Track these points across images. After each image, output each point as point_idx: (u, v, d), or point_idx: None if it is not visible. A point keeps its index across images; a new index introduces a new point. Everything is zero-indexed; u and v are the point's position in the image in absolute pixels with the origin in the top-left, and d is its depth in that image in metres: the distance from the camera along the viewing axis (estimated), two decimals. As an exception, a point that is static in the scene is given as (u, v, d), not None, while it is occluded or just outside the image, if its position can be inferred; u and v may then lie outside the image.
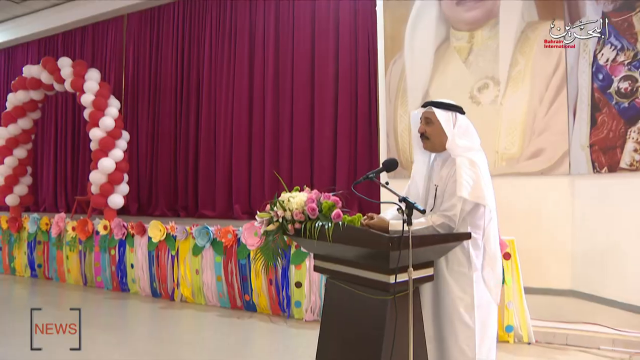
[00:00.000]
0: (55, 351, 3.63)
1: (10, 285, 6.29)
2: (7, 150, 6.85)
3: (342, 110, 5.62)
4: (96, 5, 7.65)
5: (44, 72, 6.42)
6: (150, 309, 4.97)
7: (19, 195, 6.99)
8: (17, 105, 6.80)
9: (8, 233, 6.80)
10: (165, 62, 7.11)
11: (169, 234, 5.12)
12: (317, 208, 1.96)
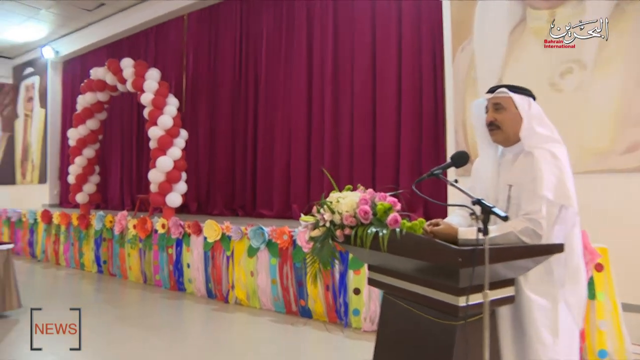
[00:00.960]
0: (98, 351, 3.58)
1: (79, 280, 6.47)
2: (77, 150, 7.07)
3: (405, 103, 5.23)
4: (158, 8, 7.75)
5: (109, 73, 6.54)
6: (204, 311, 4.87)
7: (88, 194, 7.20)
8: (85, 107, 7.00)
9: (78, 230, 7.02)
10: (223, 60, 7.04)
11: (224, 234, 4.99)
12: (370, 211, 1.65)
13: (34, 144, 10.43)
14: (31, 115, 10.61)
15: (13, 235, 8.56)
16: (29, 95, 10.75)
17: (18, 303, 4.59)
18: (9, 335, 4.18)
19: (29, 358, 3.68)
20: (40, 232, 7.90)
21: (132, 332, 4.16)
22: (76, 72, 9.92)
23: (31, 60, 10.75)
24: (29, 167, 10.53)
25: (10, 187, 11.11)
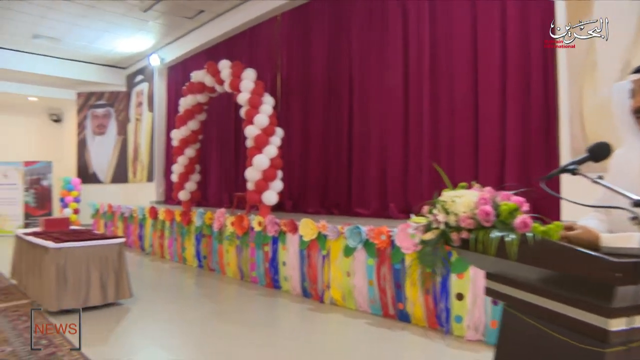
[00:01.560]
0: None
1: (182, 274, 6.80)
2: (180, 150, 7.45)
3: (510, 93, 4.81)
4: (252, 10, 7.93)
5: (207, 75, 6.78)
6: (299, 310, 4.85)
7: (189, 191, 7.55)
8: (187, 109, 7.34)
9: (180, 226, 7.38)
10: (315, 58, 7.02)
11: (320, 232, 4.93)
12: (493, 212, 1.44)
13: (143, 145, 11.21)
14: (141, 118, 11.43)
15: (126, 229, 9.25)
16: (138, 101, 11.58)
17: (130, 292, 4.89)
18: (122, 322, 4.44)
19: (138, 344, 3.87)
20: (148, 227, 8.44)
21: (228, 328, 4.24)
22: (178, 77, 10.49)
23: (141, 69, 11.57)
24: (139, 167, 11.35)
25: (123, 185, 12.07)
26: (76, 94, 12.70)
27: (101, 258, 4.68)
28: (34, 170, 11.92)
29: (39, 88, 12.28)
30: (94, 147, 12.54)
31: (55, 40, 10.15)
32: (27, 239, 5.27)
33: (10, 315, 4.58)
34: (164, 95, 11.01)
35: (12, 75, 11.42)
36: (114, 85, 12.37)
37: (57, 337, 3.90)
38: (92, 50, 10.88)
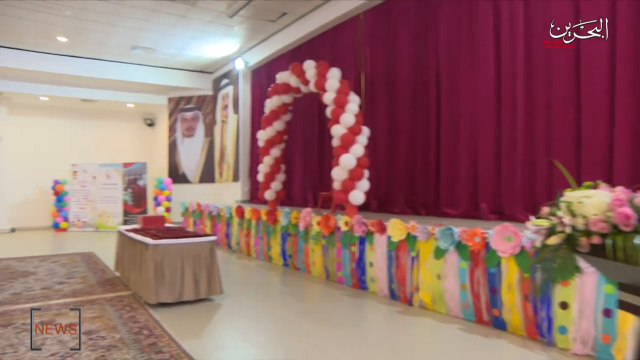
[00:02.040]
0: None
1: (268, 272, 6.93)
2: (265, 150, 7.62)
3: (620, 86, 4.39)
4: (334, 10, 7.94)
5: (293, 76, 6.87)
6: (386, 312, 4.75)
7: (275, 191, 7.71)
8: (272, 110, 7.49)
9: (266, 225, 7.54)
10: (400, 55, 6.87)
11: (409, 233, 4.81)
12: (633, 215, 1.28)
13: (229, 147, 11.64)
14: (226, 120, 11.87)
15: (214, 228, 9.63)
16: (224, 104, 12.05)
17: (220, 289, 5.05)
18: (214, 317, 4.58)
19: (230, 339, 3.98)
20: (235, 225, 8.73)
21: (315, 327, 4.23)
22: (262, 79, 10.76)
23: (226, 73, 12.02)
24: (225, 167, 11.80)
25: (210, 185, 12.61)
26: (167, 99, 13.46)
27: (194, 255, 4.88)
28: (131, 171, 12.80)
29: (135, 95, 13.18)
30: (183, 148, 13.22)
31: (150, 50, 10.82)
32: (128, 235, 5.63)
33: (116, 304, 4.91)
34: (248, 97, 11.36)
35: (113, 84, 12.35)
36: (202, 90, 12.96)
37: (157, 328, 4.11)
38: (181, 57, 11.47)
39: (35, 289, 5.73)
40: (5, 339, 3.91)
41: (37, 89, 12.02)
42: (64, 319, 4.44)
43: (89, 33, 9.73)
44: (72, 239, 11.24)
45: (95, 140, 14.23)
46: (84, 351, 3.56)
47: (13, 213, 13.01)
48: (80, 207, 12.97)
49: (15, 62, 10.73)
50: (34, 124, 13.58)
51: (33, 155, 13.40)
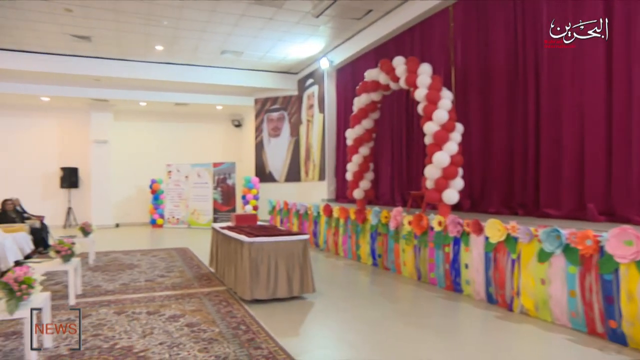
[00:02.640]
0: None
1: (356, 271, 6.88)
2: (354, 149, 7.58)
3: None
4: (422, 4, 7.70)
5: (381, 73, 6.76)
6: (484, 317, 4.51)
7: (363, 190, 7.64)
8: (361, 108, 7.43)
9: (355, 224, 7.49)
10: (495, 47, 6.49)
11: (509, 234, 4.53)
12: None
13: (315, 146, 11.75)
14: (312, 120, 11.99)
15: (301, 226, 9.76)
16: (310, 103, 12.18)
17: (313, 287, 5.07)
18: (308, 315, 4.59)
19: (325, 338, 3.94)
20: (322, 224, 8.77)
21: (410, 330, 4.10)
22: (347, 78, 10.74)
23: (311, 73, 12.15)
24: (311, 166, 11.93)
25: (296, 184, 12.81)
26: (254, 100, 13.87)
27: (288, 253, 4.94)
28: (221, 171, 13.34)
29: (224, 97, 13.72)
30: (269, 148, 13.56)
31: (238, 53, 11.20)
32: (222, 232, 5.83)
33: (213, 299, 5.09)
34: (333, 96, 11.39)
35: (203, 88, 12.95)
36: (287, 90, 13.21)
37: (254, 324, 4.19)
38: (267, 59, 11.75)
39: (140, 281, 6.11)
40: (120, 325, 4.19)
41: (138, 95, 12.91)
42: (168, 310, 4.68)
43: (183, 41, 10.25)
44: (167, 235, 11.93)
45: (188, 142, 15.02)
46: (187, 342, 3.71)
47: (117, 210, 14.09)
48: (174, 205, 13.74)
49: (120, 72, 11.59)
50: (134, 128, 14.61)
51: (133, 157, 14.42)
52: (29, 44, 10.42)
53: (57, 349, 3.63)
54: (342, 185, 10.72)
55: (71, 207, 13.72)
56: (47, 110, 13.78)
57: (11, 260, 6.79)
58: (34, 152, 13.69)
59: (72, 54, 11.16)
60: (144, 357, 3.42)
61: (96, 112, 13.60)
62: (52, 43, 10.36)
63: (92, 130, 13.62)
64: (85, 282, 6.01)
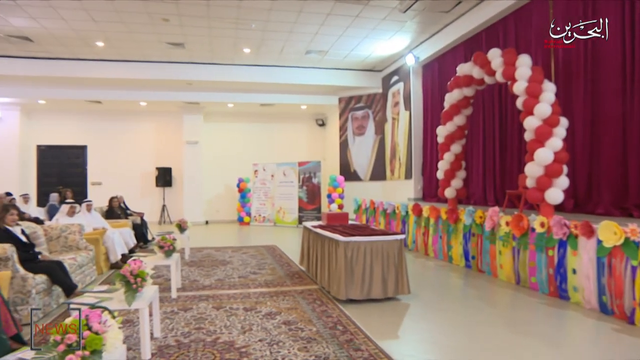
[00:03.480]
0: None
1: (448, 273, 6.65)
2: (445, 146, 7.33)
3: None
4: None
5: (475, 67, 6.47)
6: (599, 328, 4.13)
7: (455, 189, 7.36)
8: (452, 104, 7.16)
9: (447, 223, 7.24)
10: (605, 29, 5.94)
11: (627, 238, 4.12)
12: None
13: (401, 144, 11.54)
14: (397, 118, 11.79)
15: (387, 225, 9.62)
16: (395, 101, 11.99)
17: (408, 289, 4.94)
18: (405, 318, 4.46)
19: (426, 342, 3.77)
20: (411, 223, 8.58)
21: (518, 339, 3.84)
22: (434, 74, 10.43)
23: (395, 70, 11.94)
24: (397, 165, 11.73)
25: (381, 183, 12.67)
26: (338, 99, 13.90)
27: (383, 253, 4.85)
28: (306, 169, 13.51)
29: (308, 97, 13.87)
30: (354, 147, 13.52)
31: (323, 52, 11.26)
32: (314, 231, 5.86)
33: (307, 297, 5.13)
34: (419, 93, 11.12)
35: (288, 88, 13.18)
36: (371, 88, 13.09)
37: (350, 325, 4.15)
38: (351, 57, 11.71)
39: (234, 277, 6.31)
40: (220, 320, 4.34)
41: (226, 97, 13.41)
42: (264, 307, 4.77)
43: (270, 42, 10.49)
44: (254, 232, 12.28)
45: (273, 141, 15.40)
46: (286, 341, 3.75)
47: (206, 207, 14.78)
48: (260, 203, 14.13)
49: (210, 75, 12.12)
50: (222, 128, 15.22)
51: (222, 157, 15.04)
52: (130, 54, 11.19)
53: (165, 339, 3.82)
54: (429, 184, 10.44)
55: (165, 204, 14.57)
56: (144, 114, 14.76)
57: (119, 253, 7.33)
58: (133, 154, 14.72)
59: (167, 61, 11.82)
60: (245, 353, 3.49)
61: (188, 115, 14.33)
62: (150, 51, 11.03)
63: (184, 132, 14.35)
64: (184, 277, 6.31)
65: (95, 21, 9.00)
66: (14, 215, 5.00)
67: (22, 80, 11.95)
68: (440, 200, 9.20)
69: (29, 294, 4.45)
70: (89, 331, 2.05)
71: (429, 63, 10.74)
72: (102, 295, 3.56)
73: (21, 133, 13.65)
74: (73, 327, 2.03)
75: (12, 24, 9.10)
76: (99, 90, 12.75)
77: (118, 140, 14.67)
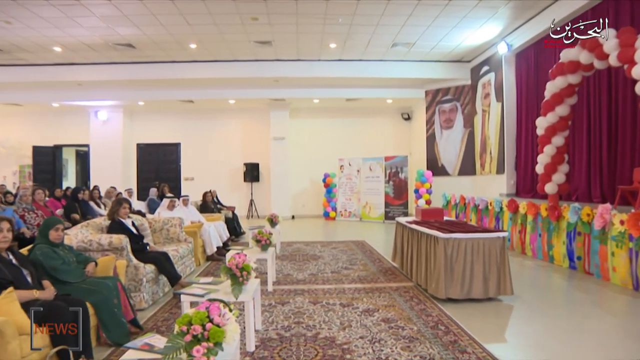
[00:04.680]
0: None
1: (550, 273, 6.24)
2: (546, 139, 6.85)
3: None
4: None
5: (583, 51, 5.96)
6: None
7: (556, 184, 6.87)
8: (554, 93, 6.67)
9: (547, 221, 6.79)
10: None
11: None
12: None
13: (492, 137, 11.00)
14: (488, 110, 11.25)
15: (479, 222, 9.22)
16: (485, 92, 11.44)
17: (511, 289, 4.67)
18: (510, 320, 4.21)
19: (537, 347, 3.49)
20: (506, 220, 8.15)
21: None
22: (529, 62, 9.80)
23: (486, 59, 11.39)
24: (487, 159, 11.20)
25: (470, 177, 12.18)
26: (424, 92, 13.54)
27: (484, 251, 4.62)
28: (393, 164, 13.32)
29: (393, 90, 13.64)
30: (442, 141, 13.11)
31: (409, 44, 10.99)
32: (410, 227, 5.72)
33: (403, 295, 5.02)
34: (512, 83, 10.50)
35: (374, 82, 13.03)
36: (459, 80, 12.61)
37: (452, 325, 3.99)
38: (439, 49, 11.32)
39: (327, 272, 6.34)
40: (318, 315, 4.36)
41: (311, 93, 13.54)
42: (360, 303, 4.73)
43: (356, 36, 10.40)
44: (341, 228, 12.31)
45: (358, 136, 15.32)
46: (388, 339, 3.67)
47: (293, 202, 15.05)
48: (346, 198, 14.14)
49: (296, 72, 12.29)
50: (308, 124, 15.40)
51: (307, 152, 15.23)
52: (220, 54, 11.62)
53: (267, 332, 3.90)
54: (523, 179, 9.85)
55: (253, 199, 15.03)
56: (232, 112, 15.31)
57: (214, 246, 7.64)
58: (223, 150, 15.34)
59: (254, 59, 12.14)
60: (347, 350, 3.47)
61: (274, 111, 14.65)
62: (239, 51, 11.38)
63: (271, 128, 14.69)
64: (277, 270, 6.43)
65: (190, 24, 9.43)
66: (126, 208, 5.37)
67: (125, 84, 12.88)
68: (536, 196, 8.65)
69: (141, 282, 4.74)
70: (211, 323, 2.10)
71: (524, 51, 10.10)
72: (208, 287, 3.70)
73: (123, 133, 14.75)
74: (197, 319, 2.09)
75: (119, 32, 9.79)
76: (191, 90, 13.40)
77: (208, 137, 15.36)
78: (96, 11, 8.62)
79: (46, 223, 3.96)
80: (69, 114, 14.90)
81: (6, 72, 12.12)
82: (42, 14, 8.70)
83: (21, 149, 15.14)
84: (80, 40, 10.30)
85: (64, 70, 12.12)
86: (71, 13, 8.70)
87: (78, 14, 8.73)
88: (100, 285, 3.80)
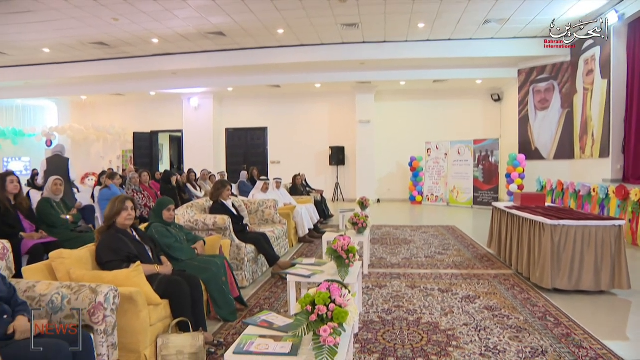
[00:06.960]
0: None
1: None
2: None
3: None
4: None
5: None
6: None
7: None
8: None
9: None
10: None
11: None
12: None
13: (595, 118, 10.19)
14: (591, 88, 10.42)
15: (580, 208, 8.66)
16: (588, 69, 10.60)
17: (628, 283, 4.35)
18: (629, 317, 3.93)
19: None
20: (613, 207, 7.58)
21: None
22: None
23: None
24: (589, 142, 10.42)
25: (568, 162, 11.41)
26: (517, 71, 12.81)
27: (596, 240, 4.33)
28: (482, 148, 12.82)
29: (483, 70, 13.02)
30: (536, 122, 12.37)
31: (503, 21, 10.41)
32: (511, 212, 5.49)
33: (504, 283, 4.86)
34: (622, 57, 9.60)
35: (463, 62, 12.53)
36: (557, 57, 11.77)
37: (562, 317, 3.80)
38: (535, 23, 10.61)
39: (420, 257, 6.28)
40: (417, 300, 4.34)
41: (398, 75, 13.28)
42: (459, 289, 4.64)
43: (447, 15, 10.03)
44: (427, 212, 12.10)
45: (445, 118, 14.86)
46: (494, 328, 3.58)
47: (378, 186, 15.00)
48: (433, 182, 13.85)
49: (382, 54, 12.13)
50: (394, 107, 15.18)
51: (393, 135, 15.05)
52: (307, 38, 11.71)
53: (368, 315, 3.94)
54: (634, 163, 9.05)
55: (338, 182, 15.15)
56: (318, 95, 15.45)
57: (307, 228, 7.82)
58: (309, 134, 15.56)
59: (341, 42, 12.12)
60: (453, 336, 3.43)
61: (360, 94, 14.57)
62: (326, 34, 11.41)
63: (357, 111, 14.66)
64: (370, 254, 6.46)
65: (279, 10, 9.58)
66: (229, 190, 5.63)
67: (215, 72, 13.42)
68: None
69: (243, 261, 4.98)
70: (334, 304, 2.16)
71: (638, 20, 9.19)
72: (313, 268, 3.80)
73: (214, 118, 15.44)
74: (320, 299, 2.16)
75: (211, 22, 10.19)
76: (278, 75, 13.67)
77: (295, 121, 15.66)
78: (192, 2, 9.02)
79: (160, 203, 4.24)
80: (164, 101, 15.85)
81: (111, 65, 13.11)
82: (145, 9, 9.27)
83: (124, 135, 16.38)
84: (176, 31, 10.85)
85: (160, 60, 12.88)
86: (169, 6, 9.18)
87: (175, 6, 9.19)
88: (210, 263, 4.03)
